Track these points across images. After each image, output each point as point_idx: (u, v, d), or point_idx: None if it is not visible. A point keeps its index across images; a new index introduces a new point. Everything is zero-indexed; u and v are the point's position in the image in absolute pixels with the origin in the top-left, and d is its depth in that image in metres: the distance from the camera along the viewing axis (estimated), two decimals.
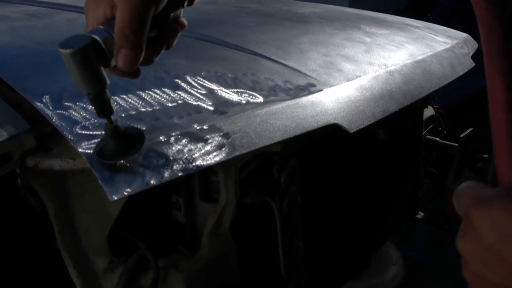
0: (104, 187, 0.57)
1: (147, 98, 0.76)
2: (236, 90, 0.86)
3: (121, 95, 0.75)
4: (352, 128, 0.91)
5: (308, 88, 0.94)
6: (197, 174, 1.05)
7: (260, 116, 0.80)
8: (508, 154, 0.40)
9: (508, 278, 0.37)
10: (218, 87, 0.85)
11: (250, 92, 0.86)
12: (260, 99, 0.85)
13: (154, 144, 0.65)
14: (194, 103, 0.79)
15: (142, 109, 0.73)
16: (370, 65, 1.14)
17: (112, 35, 0.50)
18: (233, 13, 1.58)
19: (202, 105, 0.78)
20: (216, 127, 0.72)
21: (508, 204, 0.37)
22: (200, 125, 0.72)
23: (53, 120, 0.67)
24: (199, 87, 0.84)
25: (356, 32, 1.42)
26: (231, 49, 1.10)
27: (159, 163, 0.62)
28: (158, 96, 0.78)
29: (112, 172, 0.59)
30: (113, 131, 0.57)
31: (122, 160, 0.60)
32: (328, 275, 1.32)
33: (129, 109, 0.73)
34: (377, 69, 1.13)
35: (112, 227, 0.93)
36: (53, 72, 0.81)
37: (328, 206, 1.24)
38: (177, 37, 0.59)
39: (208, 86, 0.85)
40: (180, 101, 0.78)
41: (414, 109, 1.54)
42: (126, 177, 0.59)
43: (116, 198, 0.57)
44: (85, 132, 0.65)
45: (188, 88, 0.83)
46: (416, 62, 1.25)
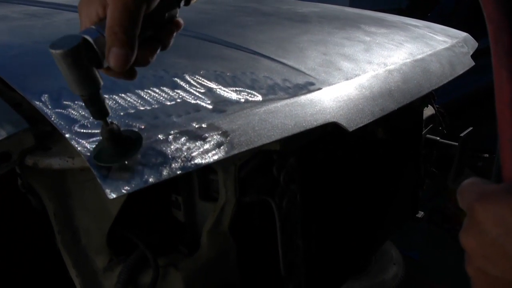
0: (103, 186, 0.57)
1: (146, 97, 0.76)
2: (235, 88, 0.86)
3: (120, 94, 0.75)
4: (351, 126, 0.91)
5: (307, 87, 0.94)
6: (196, 172, 1.05)
7: (259, 115, 0.80)
8: None
9: (511, 272, 0.37)
10: (217, 85, 0.85)
11: (249, 91, 0.86)
12: (259, 97, 0.85)
13: (153, 143, 0.65)
14: (193, 101, 0.79)
15: (141, 108, 0.73)
16: (370, 64, 1.14)
17: (104, 35, 0.50)
18: (232, 13, 1.58)
19: (201, 103, 0.78)
20: (214, 126, 0.73)
21: None
22: (199, 124, 0.72)
23: (52, 119, 0.67)
24: (198, 86, 0.84)
25: (356, 31, 1.42)
26: (231, 48, 1.10)
27: (158, 162, 0.63)
28: (157, 95, 0.78)
29: (111, 170, 0.59)
30: (109, 133, 0.57)
31: (119, 163, 0.59)
32: (327, 274, 1.32)
33: (128, 107, 0.73)
34: (376, 68, 1.13)
35: (111, 226, 0.94)
36: (52, 71, 0.81)
37: (327, 205, 1.24)
38: (173, 37, 0.58)
39: (207, 84, 0.85)
40: (179, 100, 0.78)
41: (414, 108, 1.54)
42: (125, 175, 0.59)
43: (114, 196, 0.57)
44: (84, 131, 0.65)
45: (187, 86, 0.83)
46: (416, 61, 1.25)
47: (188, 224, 1.11)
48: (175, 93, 0.80)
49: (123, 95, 0.75)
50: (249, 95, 0.85)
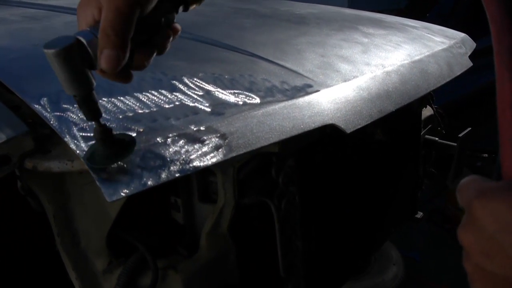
0: (102, 189, 0.57)
1: (144, 100, 0.77)
2: (233, 91, 0.86)
3: (119, 97, 0.75)
4: (349, 128, 0.91)
5: (305, 89, 0.95)
6: (195, 175, 1.06)
7: (257, 117, 0.80)
8: None
9: (509, 269, 0.37)
10: (215, 88, 0.86)
11: (247, 93, 0.87)
12: (257, 100, 0.85)
13: (151, 146, 0.65)
14: (191, 104, 0.79)
15: (139, 111, 0.74)
16: (367, 66, 1.15)
17: (97, 37, 0.50)
18: (230, 15, 1.58)
19: (199, 106, 0.79)
20: (213, 128, 0.73)
21: (511, 196, 0.37)
22: (197, 126, 0.72)
23: (51, 122, 0.67)
24: (196, 89, 0.84)
25: (354, 32, 1.42)
26: (228, 50, 1.10)
27: (156, 164, 0.63)
28: (155, 98, 0.78)
29: (110, 173, 0.59)
30: (102, 134, 0.57)
31: (112, 165, 0.59)
32: (327, 275, 1.33)
33: (126, 110, 0.73)
34: (374, 69, 1.13)
35: (111, 228, 0.94)
36: (51, 75, 0.80)
37: (326, 206, 1.24)
38: (170, 42, 0.58)
39: (205, 87, 0.85)
40: (177, 103, 0.78)
41: (412, 109, 1.54)
42: (124, 178, 0.59)
43: (113, 199, 0.57)
44: (83, 134, 0.65)
45: (185, 89, 0.83)
46: (414, 62, 1.26)
47: (187, 226, 1.11)
48: (173, 96, 0.80)
49: (121, 98, 0.75)
50: (247, 97, 0.85)
